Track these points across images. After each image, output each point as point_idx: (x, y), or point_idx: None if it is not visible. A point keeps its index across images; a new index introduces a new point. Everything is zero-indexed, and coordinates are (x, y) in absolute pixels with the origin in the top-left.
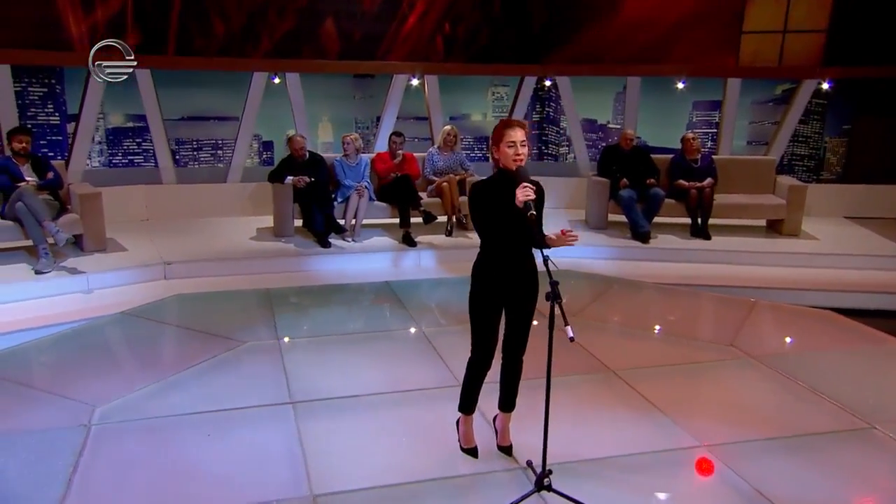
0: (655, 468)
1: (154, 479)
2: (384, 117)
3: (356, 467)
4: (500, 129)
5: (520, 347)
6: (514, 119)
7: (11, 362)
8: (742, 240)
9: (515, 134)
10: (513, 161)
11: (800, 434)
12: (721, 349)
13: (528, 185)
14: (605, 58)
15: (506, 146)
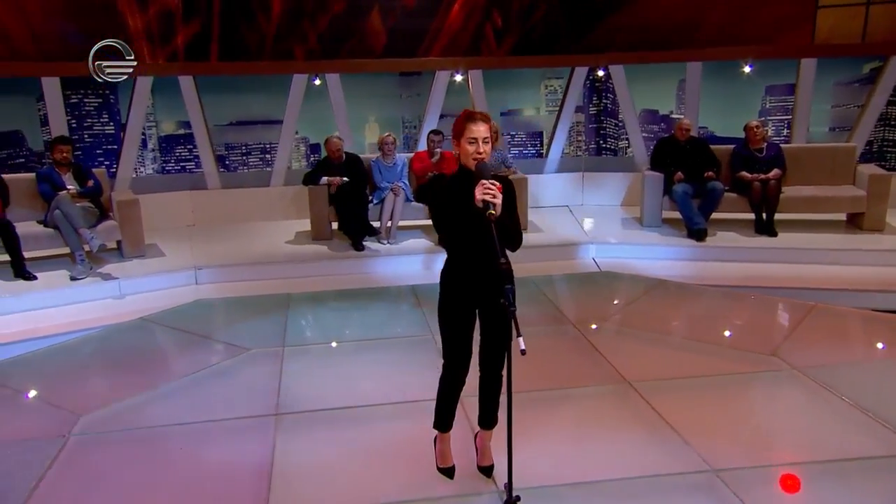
0: (650, 494)
1: (115, 495)
2: (426, 115)
3: (321, 488)
4: (462, 121)
5: (497, 360)
6: (477, 111)
7: (18, 369)
8: (813, 236)
9: (478, 129)
10: (472, 159)
11: (832, 459)
12: (760, 359)
13: (489, 183)
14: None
15: (466, 142)
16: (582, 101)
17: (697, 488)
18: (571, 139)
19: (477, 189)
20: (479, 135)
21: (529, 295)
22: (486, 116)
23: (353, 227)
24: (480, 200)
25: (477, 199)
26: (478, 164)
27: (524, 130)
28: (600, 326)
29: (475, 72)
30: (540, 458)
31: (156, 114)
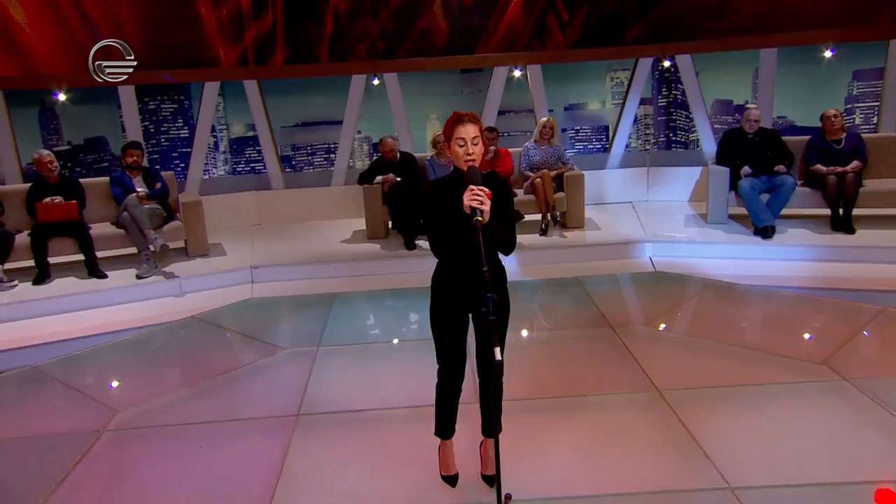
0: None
1: (130, 492)
2: (485, 113)
3: (324, 490)
4: (451, 124)
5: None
6: (465, 112)
7: (73, 364)
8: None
9: (465, 130)
10: (464, 161)
11: (866, 481)
12: (808, 368)
13: (477, 189)
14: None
15: (456, 144)
16: (650, 92)
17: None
18: (639, 133)
19: (465, 195)
20: (468, 136)
21: (573, 296)
22: (475, 117)
23: (405, 226)
24: (468, 207)
25: (465, 205)
26: (469, 168)
27: (589, 125)
28: (640, 330)
29: (534, 67)
30: (546, 467)
31: (226, 117)
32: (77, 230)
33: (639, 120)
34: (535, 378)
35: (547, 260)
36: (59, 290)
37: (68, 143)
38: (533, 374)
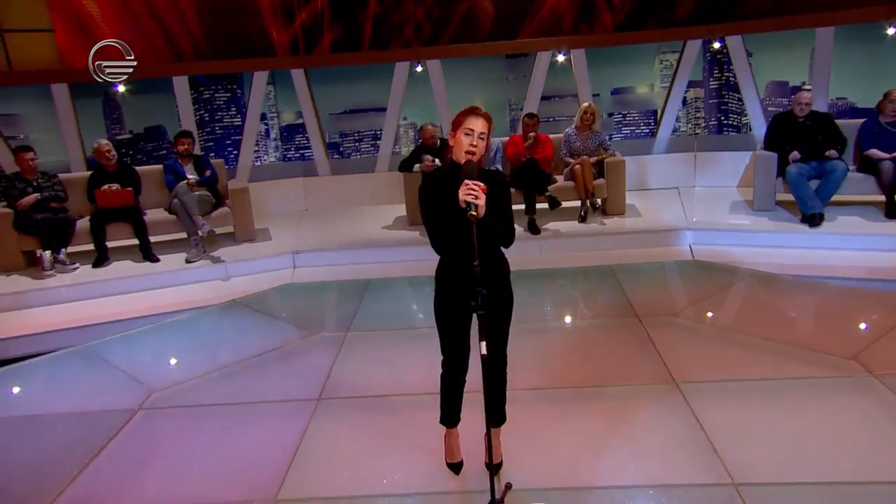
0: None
1: (157, 468)
2: (528, 98)
3: (334, 472)
4: (462, 115)
5: (496, 353)
6: (480, 108)
7: (119, 344)
8: None
9: (477, 122)
10: (465, 152)
11: (880, 482)
12: (836, 363)
13: (472, 184)
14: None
15: (463, 133)
16: (701, 75)
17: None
18: (689, 116)
19: (461, 189)
20: (477, 128)
21: (603, 284)
22: (488, 116)
23: None
24: (463, 201)
25: (460, 199)
26: (467, 162)
27: (637, 109)
28: (667, 320)
29: (578, 51)
30: (552, 458)
31: (277, 105)
32: (132, 216)
33: (689, 103)
34: (552, 367)
35: (583, 247)
36: (116, 272)
37: (129, 131)
38: (551, 362)
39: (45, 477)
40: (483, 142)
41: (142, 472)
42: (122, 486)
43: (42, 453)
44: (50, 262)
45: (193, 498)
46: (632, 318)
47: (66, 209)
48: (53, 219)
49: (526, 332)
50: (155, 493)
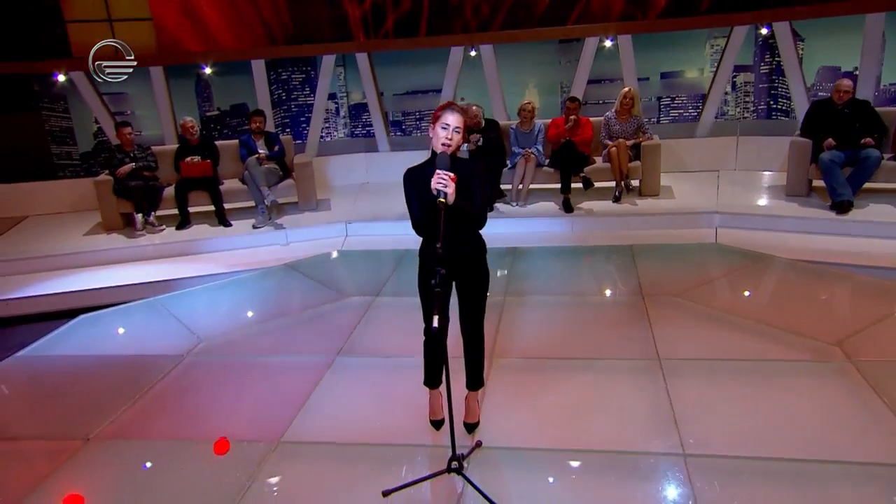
0: (607, 469)
1: (190, 408)
2: (574, 82)
3: (334, 422)
4: (440, 110)
5: (471, 327)
6: (457, 104)
7: (185, 299)
8: None
9: (452, 117)
10: (441, 144)
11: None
12: (819, 348)
13: (442, 174)
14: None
15: (440, 127)
16: (752, 59)
17: (656, 470)
18: (738, 100)
19: (433, 178)
20: (452, 123)
21: (620, 263)
22: (463, 110)
23: None
24: (434, 188)
25: (432, 187)
26: (441, 154)
27: (686, 93)
28: (669, 300)
29: (624, 37)
30: (526, 422)
31: (346, 85)
32: (210, 185)
33: (738, 87)
34: (549, 338)
35: (612, 226)
36: (195, 234)
37: (217, 108)
38: (549, 334)
39: (101, 408)
40: (458, 135)
41: (174, 411)
42: (157, 420)
43: (102, 388)
44: (141, 223)
45: (209, 433)
46: (636, 297)
47: (156, 177)
48: (145, 186)
49: (533, 304)
50: (180, 427)
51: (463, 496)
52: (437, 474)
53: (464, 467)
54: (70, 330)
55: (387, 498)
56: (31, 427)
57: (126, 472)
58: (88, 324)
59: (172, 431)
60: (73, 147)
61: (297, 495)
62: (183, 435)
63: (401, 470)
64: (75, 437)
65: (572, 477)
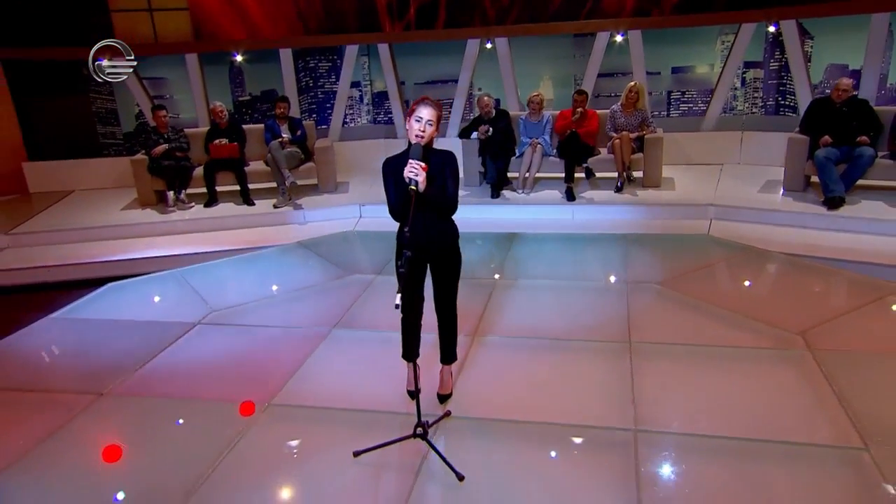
0: (560, 441)
1: (194, 369)
2: (585, 75)
3: (322, 387)
4: (415, 104)
5: (444, 307)
6: (430, 98)
7: (204, 271)
8: None
9: (425, 111)
10: (415, 136)
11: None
12: (783, 336)
13: (414, 163)
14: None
15: (414, 119)
16: (762, 56)
17: (605, 443)
18: (747, 96)
19: (406, 167)
20: (425, 116)
21: (611, 251)
22: (437, 105)
23: (491, 177)
24: (406, 177)
25: (404, 175)
26: (415, 145)
27: (696, 87)
28: (651, 287)
29: (634, 32)
30: (496, 395)
31: (370, 73)
32: (236, 166)
33: (748, 83)
34: (530, 320)
35: (610, 215)
36: (221, 212)
37: (249, 93)
38: (531, 316)
39: (117, 367)
40: (431, 127)
41: (180, 372)
42: (164, 380)
43: (120, 349)
44: (173, 200)
45: (206, 394)
46: (620, 284)
47: (188, 158)
48: (177, 165)
49: (522, 287)
50: (180, 387)
51: (426, 460)
52: (403, 439)
53: (428, 433)
54: (97, 296)
55: (357, 458)
56: (53, 381)
57: (131, 424)
58: (114, 291)
59: (176, 390)
60: (117, 127)
61: (278, 452)
62: (185, 394)
63: (375, 434)
64: (91, 392)
65: (528, 447)
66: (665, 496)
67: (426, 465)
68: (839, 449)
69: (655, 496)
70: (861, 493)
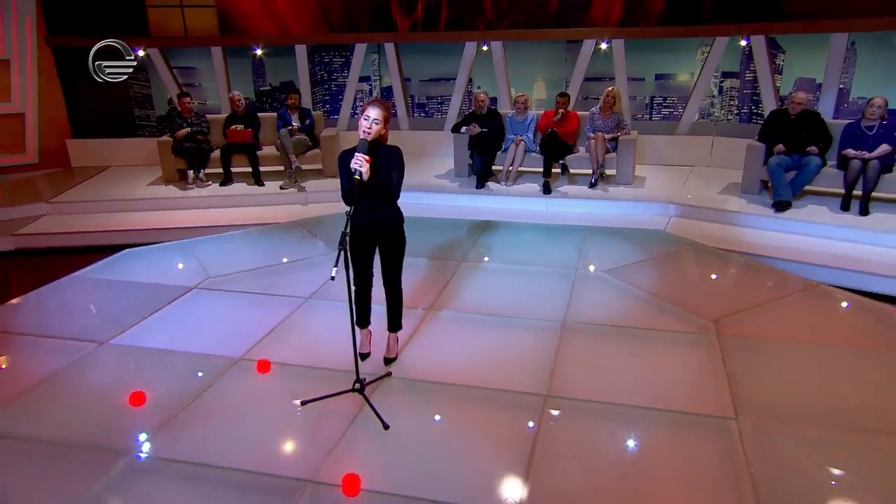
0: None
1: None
2: (572, 78)
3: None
4: (366, 104)
5: (389, 282)
6: (378, 100)
7: (209, 243)
8: None
9: (372, 112)
10: (362, 132)
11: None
12: (698, 323)
13: (359, 156)
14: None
15: (363, 118)
16: (738, 67)
17: (517, 405)
18: (724, 104)
19: (353, 160)
20: (371, 115)
21: (570, 241)
22: (383, 105)
23: (477, 169)
24: (352, 167)
25: (350, 166)
26: (361, 140)
27: (677, 94)
28: (596, 275)
29: (618, 41)
30: (435, 361)
31: (380, 69)
32: (250, 150)
33: (725, 92)
34: (482, 298)
35: (580, 208)
36: (234, 191)
37: (269, 84)
38: (484, 295)
39: (118, 321)
40: (378, 125)
41: (170, 328)
42: (156, 334)
43: (123, 306)
44: (192, 178)
45: (189, 348)
46: (570, 270)
47: (207, 141)
48: (197, 147)
49: (484, 270)
50: (168, 341)
51: (362, 411)
52: (343, 392)
53: (365, 389)
54: (114, 260)
55: (305, 406)
56: (62, 330)
57: (121, 369)
58: (129, 257)
59: (164, 343)
60: (151, 111)
61: (242, 399)
62: (171, 347)
63: (325, 388)
64: (92, 341)
65: (450, 405)
66: (554, 452)
67: (361, 415)
68: (714, 418)
69: (546, 451)
70: (722, 454)
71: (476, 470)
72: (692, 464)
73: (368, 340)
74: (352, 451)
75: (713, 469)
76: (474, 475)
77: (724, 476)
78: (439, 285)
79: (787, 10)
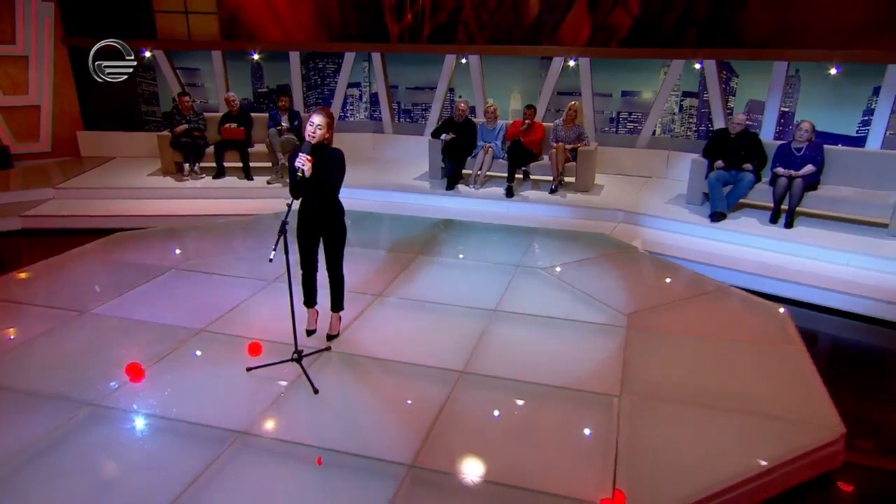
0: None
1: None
2: (542, 92)
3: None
4: (312, 112)
5: (331, 267)
6: (322, 108)
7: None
8: (829, 234)
9: (316, 118)
10: (308, 135)
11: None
12: (613, 315)
13: (303, 156)
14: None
15: (308, 124)
16: (697, 88)
17: (434, 379)
18: (684, 121)
19: (297, 159)
20: (315, 121)
21: (518, 241)
22: (327, 112)
23: (447, 173)
24: (296, 165)
25: (294, 164)
26: (305, 142)
27: (640, 110)
28: (535, 272)
29: (584, 60)
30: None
31: (370, 76)
32: (242, 147)
33: (684, 110)
34: (427, 287)
35: (538, 212)
36: (226, 184)
37: (266, 86)
38: (429, 284)
39: (100, 294)
40: (322, 130)
41: (143, 302)
42: (133, 307)
43: (107, 281)
44: (188, 171)
45: (166, 321)
46: (511, 266)
47: (203, 137)
48: (193, 143)
49: (435, 263)
50: (140, 313)
51: (298, 379)
52: (282, 362)
53: (302, 360)
54: (105, 242)
55: (250, 373)
56: (48, 299)
57: (96, 335)
58: (118, 239)
59: (136, 315)
60: (157, 107)
61: (197, 365)
62: (142, 318)
63: (269, 358)
64: (74, 310)
65: (377, 376)
66: (455, 418)
67: (297, 381)
68: (601, 395)
69: (449, 416)
70: (599, 425)
71: (384, 428)
72: (572, 432)
73: (315, 319)
74: (281, 411)
75: (589, 438)
76: (381, 433)
77: (596, 443)
78: (392, 275)
79: (744, 37)
